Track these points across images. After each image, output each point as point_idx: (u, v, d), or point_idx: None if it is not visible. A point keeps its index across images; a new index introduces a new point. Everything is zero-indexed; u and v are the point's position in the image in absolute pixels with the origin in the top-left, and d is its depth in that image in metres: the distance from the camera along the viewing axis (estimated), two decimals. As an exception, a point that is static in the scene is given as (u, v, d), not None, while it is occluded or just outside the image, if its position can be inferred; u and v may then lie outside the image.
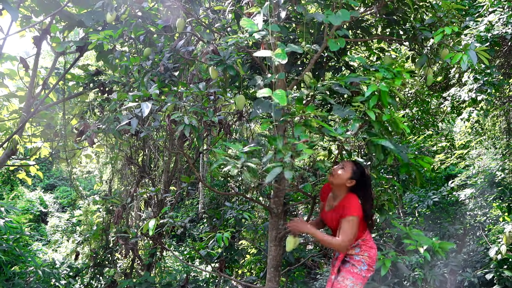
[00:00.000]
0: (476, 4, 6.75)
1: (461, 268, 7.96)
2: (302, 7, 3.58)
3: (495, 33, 5.99)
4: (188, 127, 3.52)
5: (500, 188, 8.71)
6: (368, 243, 3.50)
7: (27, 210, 17.41)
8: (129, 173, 8.41)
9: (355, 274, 3.43)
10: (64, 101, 6.79)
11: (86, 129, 5.53)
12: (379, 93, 3.19)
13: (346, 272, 3.46)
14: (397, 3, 4.08)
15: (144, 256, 8.05)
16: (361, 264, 3.44)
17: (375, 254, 3.54)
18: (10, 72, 6.67)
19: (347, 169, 3.41)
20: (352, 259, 3.47)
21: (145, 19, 4.50)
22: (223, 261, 6.94)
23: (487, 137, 9.78)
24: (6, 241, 6.81)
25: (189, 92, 3.86)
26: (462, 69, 3.57)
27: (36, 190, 20.05)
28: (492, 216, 8.82)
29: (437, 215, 9.21)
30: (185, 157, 5.78)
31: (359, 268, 3.43)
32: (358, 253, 3.46)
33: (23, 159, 7.54)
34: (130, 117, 3.75)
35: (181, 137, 7.05)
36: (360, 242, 3.47)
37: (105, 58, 5.93)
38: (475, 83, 6.56)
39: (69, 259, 8.82)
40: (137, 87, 4.36)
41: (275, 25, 3.27)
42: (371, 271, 3.51)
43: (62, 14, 5.92)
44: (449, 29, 3.56)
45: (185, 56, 4.39)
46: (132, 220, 8.33)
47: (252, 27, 3.18)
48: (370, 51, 5.13)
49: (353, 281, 3.41)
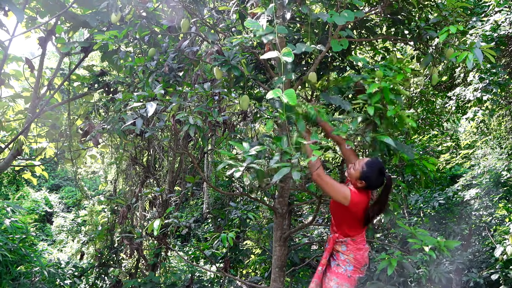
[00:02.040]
0: (481, 4, 6.72)
1: (466, 268, 7.93)
2: (307, 8, 3.57)
3: (502, 33, 5.96)
4: (193, 127, 3.51)
5: (506, 188, 8.67)
6: (357, 244, 3.38)
7: (33, 210, 17.47)
8: (134, 173, 8.43)
9: (339, 275, 3.35)
10: (69, 101, 6.82)
11: (91, 130, 5.55)
12: (381, 91, 3.16)
13: (331, 273, 3.40)
14: (401, 2, 4.07)
15: (149, 256, 8.06)
16: (346, 264, 3.36)
17: (363, 257, 3.42)
18: (15, 73, 6.70)
19: (356, 168, 3.25)
20: (338, 257, 3.40)
21: (150, 19, 4.51)
22: (227, 261, 6.95)
23: (493, 137, 9.73)
24: (12, 241, 6.84)
25: (194, 92, 3.86)
26: (468, 67, 3.54)
27: (41, 190, 20.11)
28: (497, 216, 8.78)
29: (442, 215, 9.18)
30: (190, 157, 5.79)
31: (344, 268, 3.36)
32: (344, 252, 3.37)
33: (28, 160, 7.57)
34: (135, 117, 3.76)
35: (186, 137, 7.04)
36: (348, 241, 3.37)
37: (110, 58, 5.95)
38: (481, 82, 6.52)
39: (74, 259, 8.84)
40: (142, 88, 4.36)
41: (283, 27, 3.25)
42: (359, 272, 3.41)
43: (67, 15, 5.94)
44: (454, 28, 3.54)
45: (190, 57, 4.40)
46: (137, 220, 8.33)
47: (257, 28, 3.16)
48: (375, 51, 5.12)
49: (337, 282, 3.34)
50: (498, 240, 7.80)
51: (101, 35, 4.25)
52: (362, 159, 3.31)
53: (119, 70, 6.31)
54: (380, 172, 3.24)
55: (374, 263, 6.52)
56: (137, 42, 4.75)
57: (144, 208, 8.49)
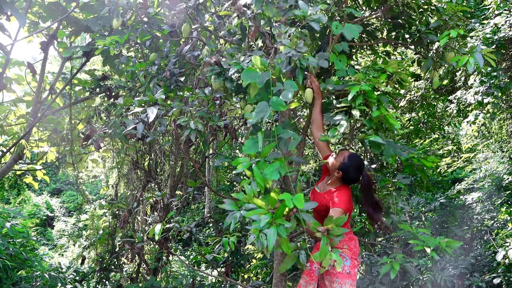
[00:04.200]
0: (481, 7, 6.73)
1: (469, 272, 7.90)
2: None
3: (502, 35, 5.97)
4: (194, 131, 3.52)
5: (508, 192, 8.66)
6: (347, 235, 3.34)
7: (34, 215, 17.48)
8: (135, 177, 8.43)
9: (339, 274, 3.30)
10: (71, 105, 6.83)
11: (92, 134, 5.56)
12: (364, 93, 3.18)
13: (331, 275, 3.34)
14: (402, 6, 4.08)
15: (150, 261, 8.05)
16: (343, 260, 3.30)
17: (356, 246, 3.42)
18: (17, 77, 6.72)
19: (338, 158, 3.33)
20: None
21: (151, 24, 4.52)
22: (229, 265, 6.94)
23: (494, 140, 9.73)
24: (13, 245, 6.83)
25: (195, 97, 3.87)
26: (469, 71, 3.55)
27: (42, 194, 20.12)
28: (499, 220, 8.76)
29: (444, 219, 9.16)
30: (191, 162, 5.79)
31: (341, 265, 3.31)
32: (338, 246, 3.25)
33: (30, 164, 7.57)
34: (136, 121, 3.76)
35: (187, 142, 7.06)
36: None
37: (111, 63, 5.96)
38: (481, 86, 6.53)
39: (75, 264, 8.84)
40: (143, 92, 4.37)
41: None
42: (356, 264, 3.40)
43: (69, 20, 5.96)
44: (455, 32, 3.54)
45: (191, 61, 4.41)
46: (138, 225, 8.33)
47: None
48: (376, 55, 5.13)
49: (339, 282, 3.30)
50: (499, 244, 7.77)
51: (102, 40, 4.26)
52: (346, 151, 3.39)
53: (120, 75, 6.33)
54: (358, 167, 3.33)
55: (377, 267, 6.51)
56: (138, 47, 4.76)
57: (145, 213, 8.48)
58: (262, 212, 2.57)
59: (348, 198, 3.31)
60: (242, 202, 2.73)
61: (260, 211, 2.58)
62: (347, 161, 3.29)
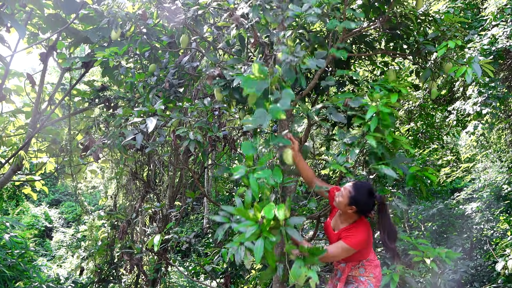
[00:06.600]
0: (479, 18, 6.78)
1: (469, 282, 7.87)
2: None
3: (499, 46, 6.01)
4: (193, 142, 3.52)
5: (507, 201, 8.65)
6: (372, 262, 3.30)
7: (32, 225, 17.40)
8: (134, 188, 8.41)
9: None
10: (70, 116, 6.84)
11: (91, 145, 5.56)
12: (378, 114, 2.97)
13: None
14: (400, 17, 4.11)
15: (149, 272, 8.00)
16: (368, 286, 3.25)
17: (380, 273, 3.38)
18: (17, 88, 6.74)
19: (344, 194, 3.08)
20: (357, 280, 3.27)
21: (150, 35, 4.55)
22: (228, 276, 6.89)
23: (493, 150, 9.74)
24: (11, 256, 6.80)
25: (194, 108, 3.88)
26: (467, 81, 3.56)
27: (41, 205, 20.06)
28: (499, 230, 8.74)
29: (443, 229, 9.14)
30: (190, 172, 5.79)
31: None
32: (363, 274, 3.25)
33: (28, 174, 7.57)
34: (135, 132, 3.77)
35: (186, 152, 7.04)
36: (364, 263, 3.27)
37: (110, 74, 5.98)
38: (480, 96, 6.56)
39: (73, 275, 8.78)
40: (142, 103, 4.39)
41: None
42: None
43: (69, 31, 5.99)
44: (453, 43, 3.57)
45: (190, 72, 4.42)
46: (137, 236, 8.29)
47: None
48: (374, 65, 5.15)
49: None
50: (499, 254, 7.75)
51: (101, 52, 4.28)
52: (347, 185, 3.13)
53: (119, 85, 6.35)
54: (369, 194, 3.09)
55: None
56: (137, 58, 4.78)
57: (144, 223, 8.45)
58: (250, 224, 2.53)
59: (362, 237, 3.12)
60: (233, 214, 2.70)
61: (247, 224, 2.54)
62: (355, 193, 3.05)
